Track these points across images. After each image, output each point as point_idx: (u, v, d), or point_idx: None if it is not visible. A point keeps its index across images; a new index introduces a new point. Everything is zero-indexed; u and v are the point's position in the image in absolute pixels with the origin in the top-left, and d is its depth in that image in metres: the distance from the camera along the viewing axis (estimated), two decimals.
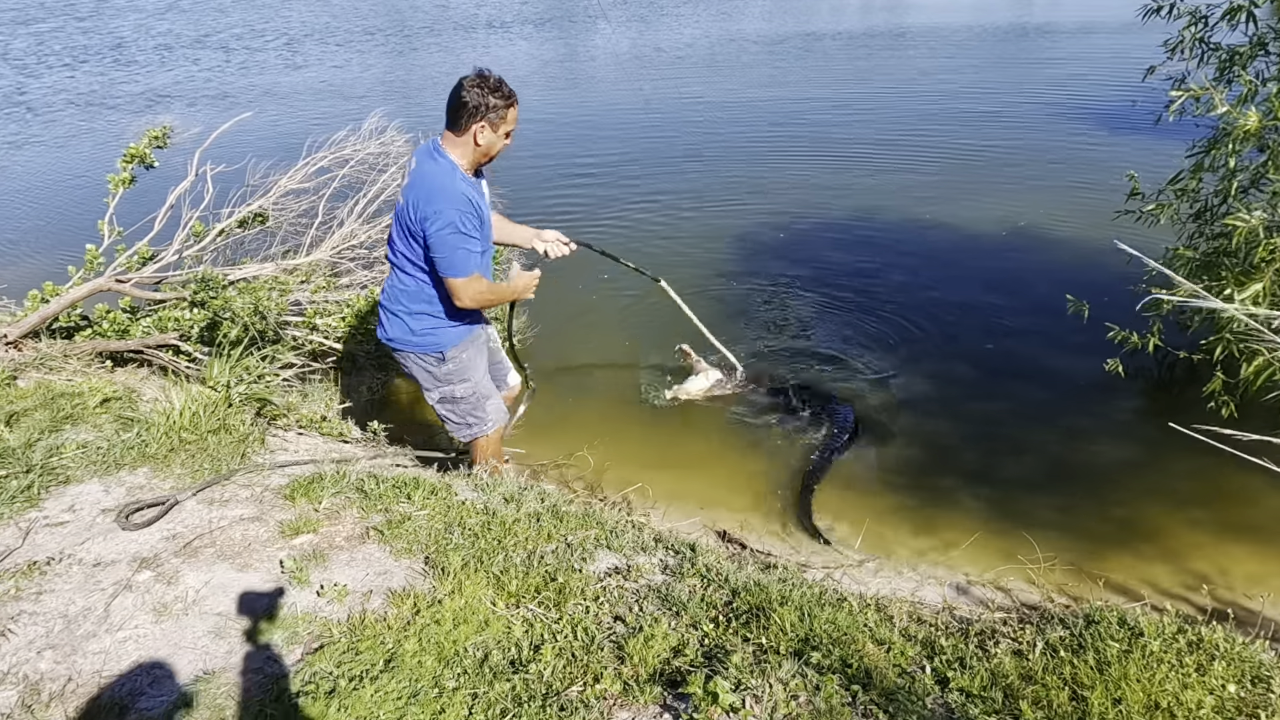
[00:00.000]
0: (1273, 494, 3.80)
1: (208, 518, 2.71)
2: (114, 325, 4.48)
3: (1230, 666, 2.07)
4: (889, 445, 4.30)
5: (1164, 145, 4.37)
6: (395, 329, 3.13)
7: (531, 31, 20.33)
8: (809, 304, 5.82)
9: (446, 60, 16.72)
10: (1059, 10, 20.16)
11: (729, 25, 20.29)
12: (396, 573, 2.47)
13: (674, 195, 8.29)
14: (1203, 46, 3.55)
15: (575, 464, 4.18)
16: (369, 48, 18.61)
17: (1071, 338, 5.14)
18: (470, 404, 3.24)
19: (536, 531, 2.73)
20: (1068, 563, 3.44)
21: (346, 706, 1.88)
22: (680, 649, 2.15)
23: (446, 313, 3.05)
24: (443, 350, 3.09)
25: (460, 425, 3.33)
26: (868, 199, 7.90)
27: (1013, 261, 6.33)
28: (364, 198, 5.04)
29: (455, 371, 3.15)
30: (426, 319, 3.06)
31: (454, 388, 3.19)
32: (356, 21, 22.52)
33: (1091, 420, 4.39)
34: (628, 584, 2.51)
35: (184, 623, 2.23)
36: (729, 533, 3.69)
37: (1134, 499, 3.85)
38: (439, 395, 3.23)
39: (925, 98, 12.22)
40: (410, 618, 2.21)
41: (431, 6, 24.47)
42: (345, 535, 2.64)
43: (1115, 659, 2.07)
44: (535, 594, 2.36)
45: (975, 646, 2.23)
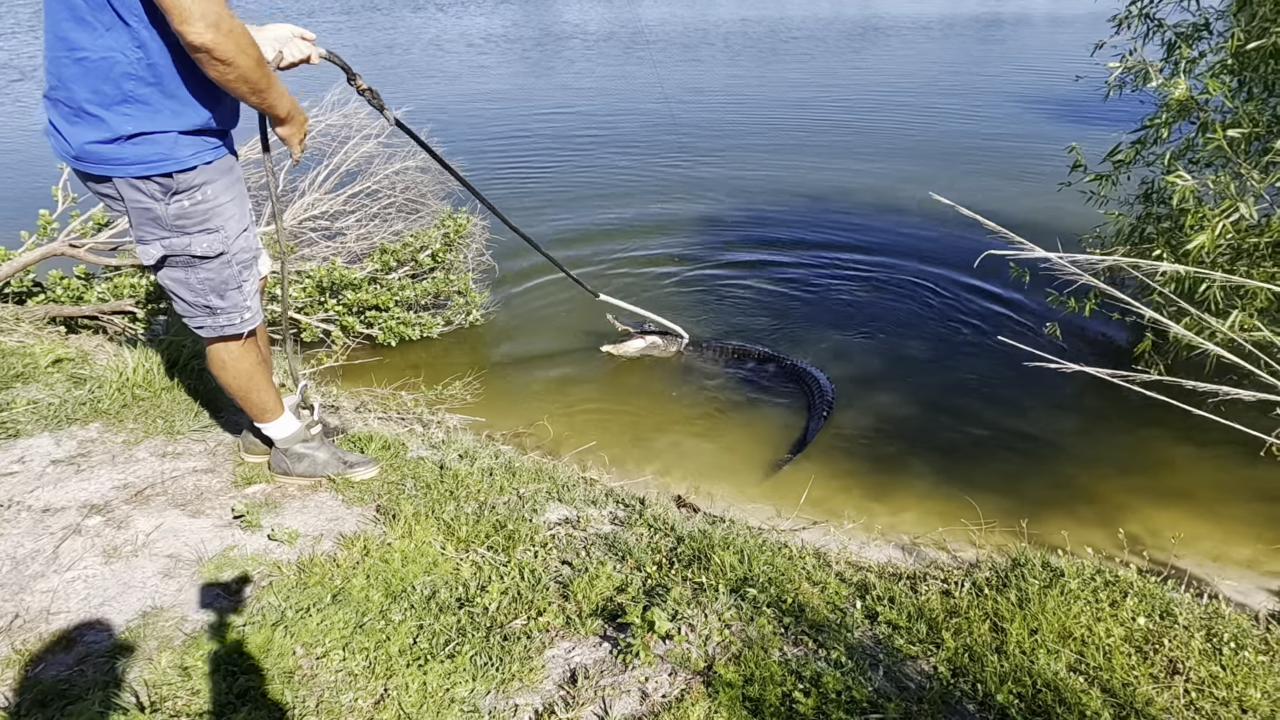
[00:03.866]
0: (1203, 462, 3.99)
1: (160, 469, 2.73)
2: (68, 291, 4.45)
3: (1141, 602, 2.19)
4: (841, 416, 4.41)
5: (1119, 129, 4.54)
6: (84, 132, 1.93)
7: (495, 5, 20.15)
8: (763, 284, 5.94)
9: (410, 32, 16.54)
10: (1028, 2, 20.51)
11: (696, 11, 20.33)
12: (348, 519, 2.51)
13: (643, 177, 8.38)
14: (1148, 22, 3.67)
15: (535, 433, 4.24)
16: (333, 18, 18.35)
17: (1017, 310, 5.35)
18: (216, 276, 2.17)
19: (489, 485, 2.78)
20: (1007, 525, 3.56)
21: (293, 634, 1.93)
22: (623, 588, 2.22)
23: (173, 99, 1.93)
24: (170, 169, 1.99)
25: (195, 311, 2.23)
26: (819, 184, 8.15)
27: (961, 238, 6.53)
28: (325, 168, 5.03)
29: (194, 211, 2.07)
30: (138, 112, 1.91)
31: (191, 240, 2.09)
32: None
33: (1035, 390, 4.55)
34: (577, 532, 2.58)
35: (133, 564, 2.25)
36: (683, 497, 3.78)
37: (1074, 466, 4.00)
38: (161, 250, 2.10)
39: (886, 86, 12.43)
40: (360, 558, 2.26)
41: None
42: (298, 485, 2.67)
43: (1035, 595, 2.18)
44: (485, 540, 2.42)
45: (906, 586, 2.34)
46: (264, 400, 2.49)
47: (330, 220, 5.00)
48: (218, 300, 2.21)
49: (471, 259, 5.45)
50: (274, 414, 2.54)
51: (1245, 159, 3.18)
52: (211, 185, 2.08)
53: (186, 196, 2.05)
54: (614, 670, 1.91)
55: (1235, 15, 3.70)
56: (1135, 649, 2.05)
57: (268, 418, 2.54)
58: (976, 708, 1.86)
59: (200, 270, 2.16)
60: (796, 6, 22.11)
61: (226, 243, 2.15)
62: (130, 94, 1.89)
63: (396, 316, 4.89)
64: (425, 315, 5.05)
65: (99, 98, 1.88)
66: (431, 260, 5.10)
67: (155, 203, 2.03)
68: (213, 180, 2.08)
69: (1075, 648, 2.04)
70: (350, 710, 1.76)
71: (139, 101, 1.91)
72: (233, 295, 2.23)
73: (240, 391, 2.43)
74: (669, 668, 1.91)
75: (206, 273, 2.16)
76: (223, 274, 2.19)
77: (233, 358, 2.37)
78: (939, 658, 2.00)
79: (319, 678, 1.84)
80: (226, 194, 2.13)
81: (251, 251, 2.26)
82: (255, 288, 2.31)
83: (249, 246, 2.24)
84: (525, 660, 1.92)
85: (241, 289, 2.24)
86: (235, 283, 2.22)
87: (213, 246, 2.12)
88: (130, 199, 2.03)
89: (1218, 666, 2.01)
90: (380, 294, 4.83)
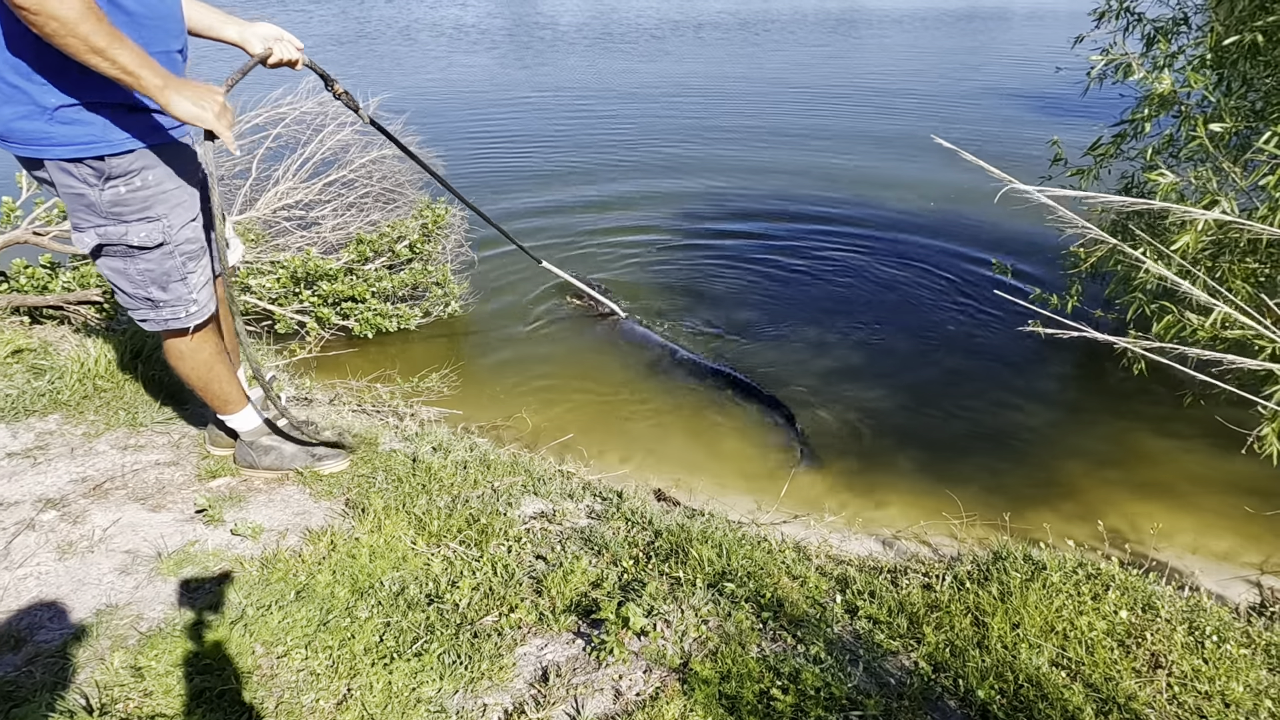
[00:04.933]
0: (1181, 455, 3.99)
1: (121, 462, 2.64)
2: (32, 280, 4.32)
3: (1124, 595, 2.16)
4: (822, 410, 4.37)
5: (1098, 122, 4.54)
6: (7, 108, 1.79)
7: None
8: (743, 278, 5.90)
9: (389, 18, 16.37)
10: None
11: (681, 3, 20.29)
12: (315, 513, 2.43)
13: (623, 169, 8.33)
14: (1128, 15, 3.65)
15: (513, 425, 4.17)
16: (305, 6, 18.12)
17: (998, 306, 5.36)
18: (156, 267, 2.03)
19: (463, 478, 2.71)
20: (989, 518, 3.55)
21: (253, 632, 1.86)
22: (598, 583, 2.16)
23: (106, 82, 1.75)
24: (102, 152, 1.86)
25: (136, 303, 2.12)
26: (798, 177, 8.14)
27: (943, 233, 6.55)
28: (300, 156, 4.92)
29: (131, 199, 1.94)
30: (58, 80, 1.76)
31: (128, 229, 1.97)
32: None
33: (1017, 384, 4.55)
34: (552, 526, 2.52)
35: (89, 560, 2.17)
36: (663, 490, 3.72)
37: (1055, 460, 3.98)
38: (96, 238, 1.98)
39: (864, 77, 12.44)
40: (326, 554, 2.18)
41: None
42: (264, 479, 2.59)
43: (1017, 589, 2.15)
44: (457, 534, 2.36)
45: (887, 580, 2.29)
46: (225, 391, 2.38)
47: (305, 209, 4.90)
48: (159, 293, 2.08)
49: (450, 250, 5.37)
50: (236, 405, 2.45)
51: (1226, 154, 3.16)
52: (152, 171, 1.94)
53: (123, 182, 1.91)
54: (587, 668, 1.85)
55: (1214, 10, 3.70)
56: (1118, 643, 2.02)
57: (230, 409, 2.45)
58: (958, 704, 1.82)
59: (139, 261, 2.02)
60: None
61: (168, 233, 2.01)
62: (48, 61, 1.71)
63: (373, 308, 4.80)
64: (403, 307, 4.96)
65: (15, 68, 1.72)
66: (409, 251, 5.01)
67: (89, 188, 1.90)
68: (153, 166, 1.94)
69: (1057, 642, 2.00)
70: (311, 711, 1.69)
71: (56, 69, 1.73)
72: (176, 288, 2.09)
73: (199, 383, 2.33)
74: (644, 665, 1.85)
75: (146, 264, 2.03)
76: (164, 265, 2.05)
77: (189, 349, 2.25)
78: (920, 653, 1.96)
79: (279, 678, 1.76)
80: (171, 181, 1.99)
81: (198, 243, 2.11)
82: (203, 280, 2.17)
83: (195, 238, 2.10)
84: (495, 658, 1.86)
85: (186, 281, 2.10)
86: (179, 274, 2.07)
87: (151, 236, 1.98)
88: (62, 184, 1.90)
89: (1200, 660, 1.98)
90: (356, 285, 4.74)
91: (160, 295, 2.08)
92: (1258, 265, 3.38)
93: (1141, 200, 1.30)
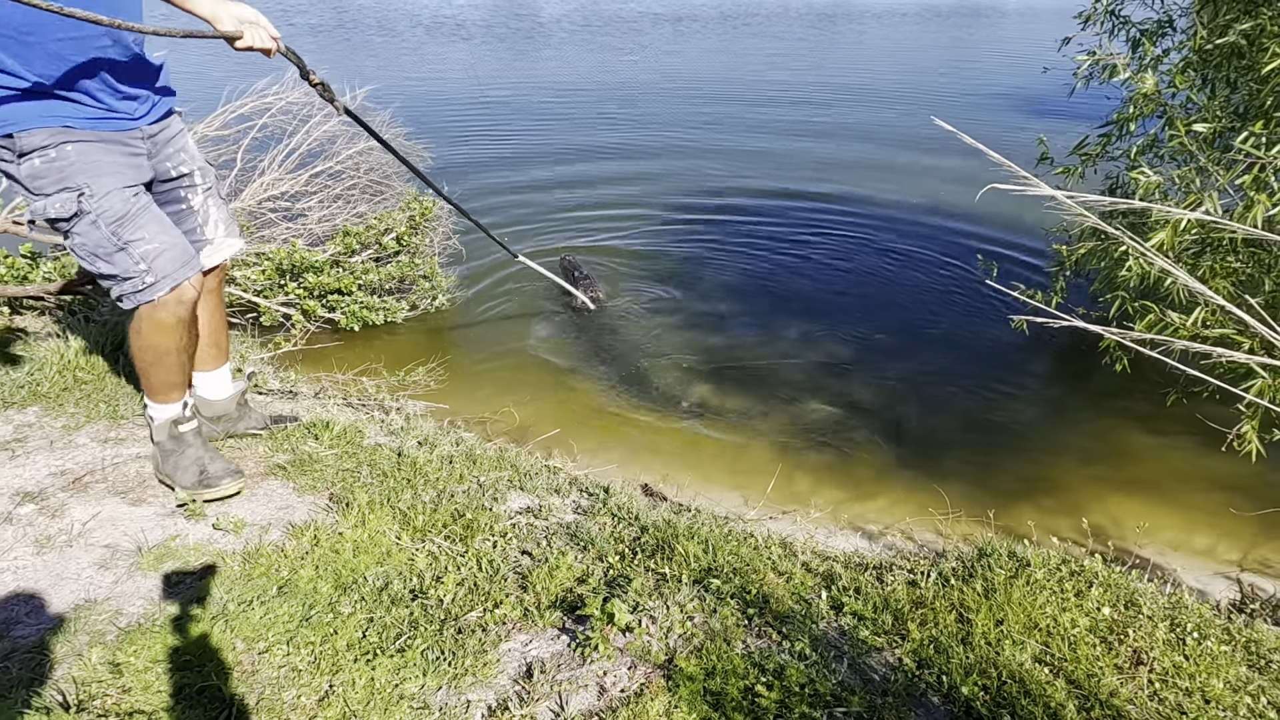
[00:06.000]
0: (1168, 451, 4.02)
1: (101, 455, 2.60)
2: (13, 270, 4.26)
3: (1106, 592, 2.18)
4: (809, 404, 4.38)
5: (1082, 121, 4.56)
6: None
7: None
8: (731, 273, 5.91)
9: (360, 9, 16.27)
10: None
11: None
12: (299, 508, 2.41)
13: (611, 159, 8.31)
14: (1113, 19, 3.67)
15: (500, 420, 4.15)
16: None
17: (985, 302, 5.40)
18: (86, 239, 2.04)
19: (448, 472, 2.70)
20: (974, 514, 3.56)
21: (234, 628, 1.84)
22: (584, 579, 2.15)
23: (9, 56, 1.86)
24: (9, 130, 1.94)
25: (101, 278, 2.16)
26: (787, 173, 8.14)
27: (930, 230, 6.59)
28: (286, 147, 4.87)
29: (48, 170, 1.98)
30: None
31: (47, 202, 2.01)
32: None
33: (1003, 381, 4.57)
34: (538, 522, 2.51)
35: (67, 554, 2.14)
36: (650, 485, 3.72)
37: (1040, 456, 4.01)
38: (30, 214, 2.14)
39: (852, 77, 12.46)
40: (309, 548, 2.16)
41: None
42: (248, 473, 2.56)
43: (1001, 585, 2.16)
44: (442, 529, 2.34)
45: (872, 577, 2.30)
46: (164, 380, 2.31)
47: (291, 201, 4.85)
48: (105, 265, 2.09)
49: (438, 242, 5.34)
50: (167, 398, 2.35)
51: (1209, 154, 3.18)
52: (72, 145, 1.98)
53: (38, 155, 1.95)
54: (572, 664, 1.85)
55: (1198, 13, 3.72)
56: (1100, 639, 2.03)
57: (159, 399, 2.36)
58: (941, 700, 1.83)
59: (74, 235, 2.05)
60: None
61: (87, 202, 2.01)
62: None
63: (360, 301, 4.76)
64: (389, 299, 4.93)
65: None
66: (396, 244, 4.97)
67: (10, 165, 1.99)
68: (72, 140, 1.98)
69: (1041, 638, 2.01)
70: (293, 708, 1.68)
71: None
72: (120, 259, 2.08)
73: (142, 364, 2.28)
74: (629, 661, 1.85)
75: (80, 236, 2.05)
76: (92, 237, 2.05)
77: (150, 329, 2.19)
78: (904, 649, 1.96)
79: (260, 674, 1.75)
80: (95, 153, 2.01)
81: (129, 213, 2.07)
82: (155, 249, 2.10)
83: (127, 210, 2.07)
84: (480, 654, 1.85)
85: (128, 251, 2.07)
86: (112, 245, 2.06)
87: (67, 207, 2.00)
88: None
89: (1181, 656, 2.00)
90: (343, 278, 4.70)
91: (106, 267, 2.09)
92: (1239, 264, 3.41)
93: (1123, 200, 1.30)
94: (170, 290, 2.14)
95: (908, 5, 19.16)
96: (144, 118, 2.16)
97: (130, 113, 2.11)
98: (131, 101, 2.11)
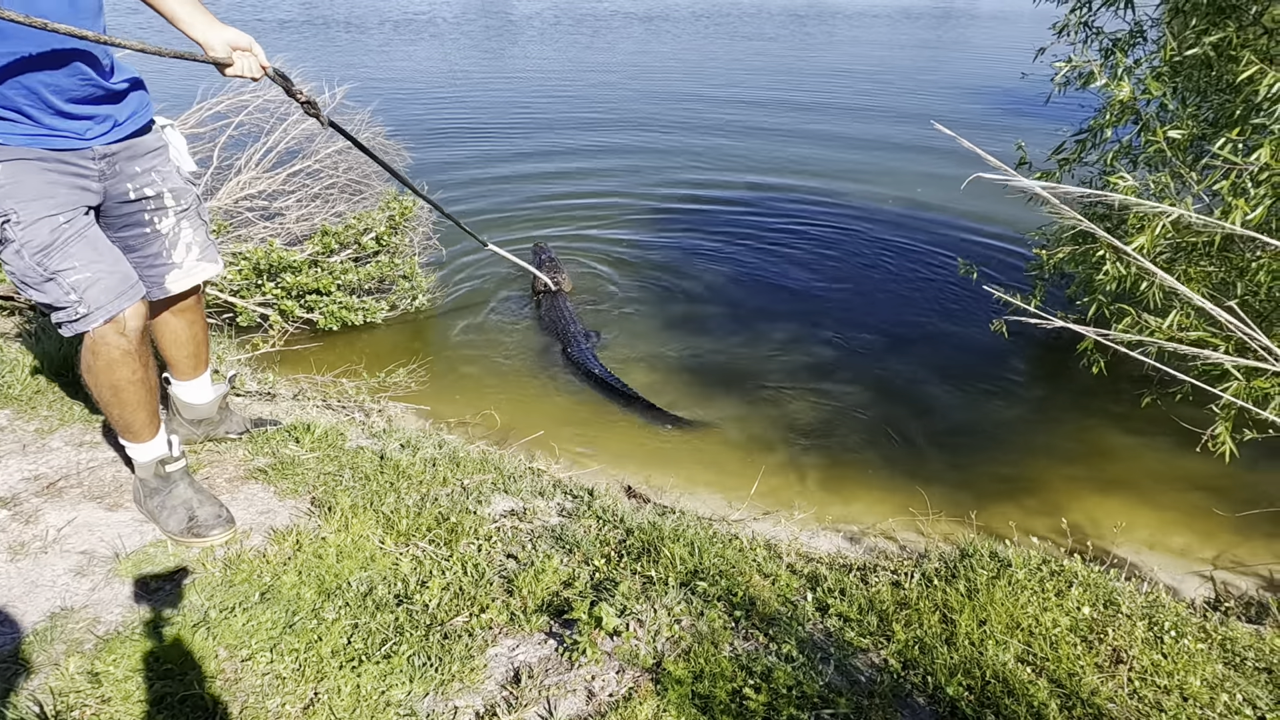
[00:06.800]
0: (1144, 452, 4.08)
1: (76, 459, 2.56)
2: None
3: (1086, 591, 2.21)
4: (791, 406, 4.40)
5: (1056, 125, 4.63)
6: None
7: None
8: (710, 273, 5.93)
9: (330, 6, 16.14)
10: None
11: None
12: (280, 512, 2.38)
13: (588, 157, 8.30)
14: (1086, 29, 3.73)
15: (482, 421, 4.13)
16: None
17: (963, 304, 5.46)
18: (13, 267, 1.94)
19: (432, 476, 2.68)
20: (954, 514, 3.60)
21: (215, 635, 1.81)
22: (570, 582, 2.15)
23: None
24: None
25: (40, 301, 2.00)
26: (769, 175, 8.18)
27: (909, 232, 6.65)
28: (263, 145, 4.81)
29: None
30: None
31: None
32: None
33: (983, 382, 4.62)
34: (523, 525, 2.50)
35: (42, 561, 2.10)
36: (634, 487, 3.72)
37: (1019, 456, 4.05)
38: None
39: (834, 79, 12.55)
40: (291, 554, 2.14)
41: None
42: (228, 477, 2.53)
43: (984, 586, 2.18)
44: (426, 533, 2.32)
45: (857, 578, 2.31)
46: (129, 418, 2.16)
47: (268, 200, 4.79)
48: (36, 294, 1.96)
49: (418, 242, 5.30)
50: (138, 437, 2.21)
51: (1184, 160, 3.24)
52: (1, 166, 1.85)
53: None
54: (559, 669, 1.84)
55: (1168, 24, 3.79)
56: (1081, 638, 2.06)
57: (129, 438, 2.22)
58: (927, 700, 1.85)
59: (4, 264, 1.93)
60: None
61: (12, 229, 1.88)
62: None
63: (339, 301, 4.72)
64: (369, 299, 4.89)
65: None
66: (376, 243, 4.93)
67: None
68: (2, 161, 1.85)
69: (1023, 638, 2.04)
70: (277, 716, 1.65)
71: None
72: (50, 289, 1.94)
73: (102, 403, 2.14)
74: (617, 665, 1.85)
75: (7, 264, 1.93)
76: (18, 265, 1.92)
77: (96, 364, 2.04)
78: (890, 650, 1.97)
79: (243, 682, 1.72)
80: (26, 174, 1.88)
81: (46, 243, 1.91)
82: (83, 279, 1.95)
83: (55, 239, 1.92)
84: (466, 660, 1.84)
85: (57, 281, 1.93)
86: (39, 275, 1.92)
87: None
88: None
89: (1159, 655, 2.03)
90: (321, 277, 4.65)
91: (39, 296, 1.96)
92: (1213, 268, 3.48)
93: (1111, 194, 1.32)
94: (105, 322, 1.99)
95: (879, 6, 19.33)
96: (100, 137, 2.03)
97: (79, 132, 1.97)
98: (81, 121, 1.97)
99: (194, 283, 2.38)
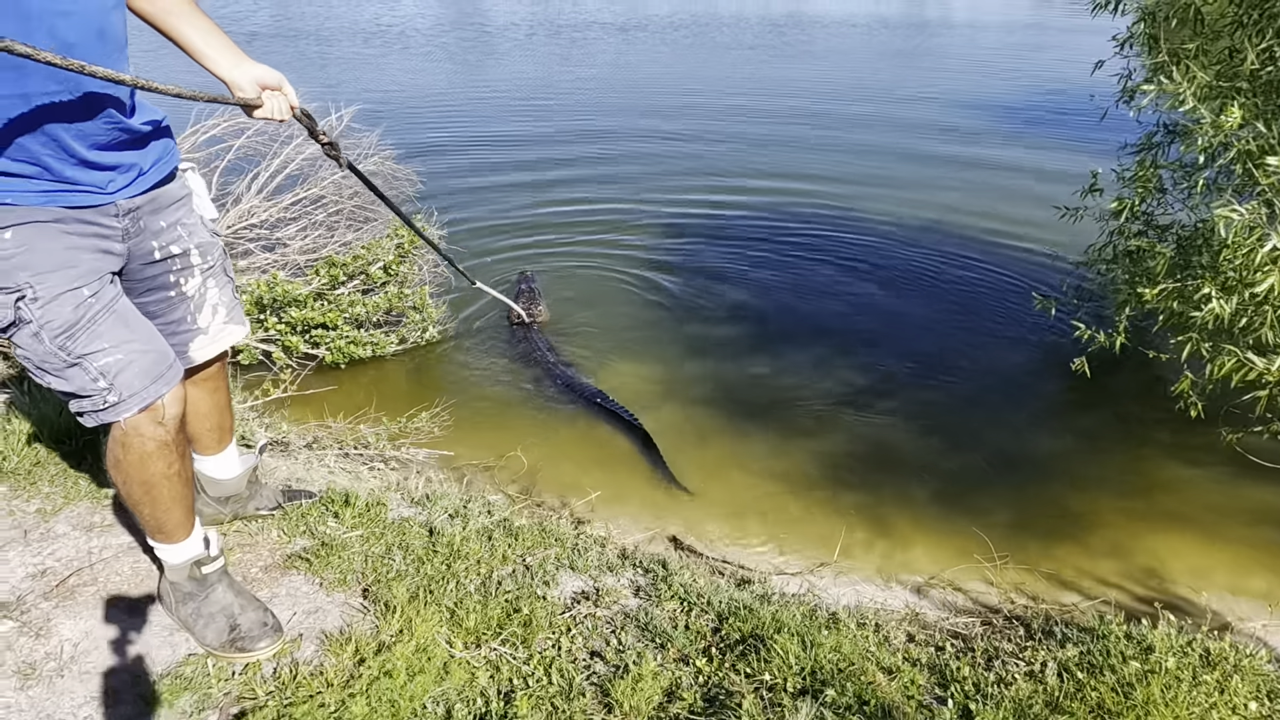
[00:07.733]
0: (1199, 484, 3.89)
1: (86, 547, 2.24)
2: None
3: (1246, 682, 1.99)
4: (826, 440, 4.15)
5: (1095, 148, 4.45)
6: None
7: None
8: (732, 293, 5.68)
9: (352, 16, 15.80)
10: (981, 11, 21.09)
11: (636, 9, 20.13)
12: (330, 610, 2.08)
13: (612, 179, 8.04)
14: (1152, 43, 3.54)
15: (507, 465, 3.85)
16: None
17: (996, 323, 5.26)
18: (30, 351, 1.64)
19: (489, 552, 2.40)
20: (1020, 560, 3.38)
21: None
22: (674, 690, 1.88)
23: None
24: None
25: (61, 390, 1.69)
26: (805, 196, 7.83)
27: (953, 258, 6.35)
28: (265, 172, 4.49)
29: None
30: None
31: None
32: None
33: (1023, 410, 4.43)
34: (599, 611, 2.22)
35: (58, 687, 1.78)
36: (679, 538, 3.47)
37: (1073, 491, 3.86)
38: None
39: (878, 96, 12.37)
40: (353, 669, 1.85)
41: None
42: (263, 565, 2.23)
43: (1136, 680, 1.95)
44: (498, 630, 2.04)
45: (985, 669, 2.07)
46: (161, 518, 1.85)
47: (270, 229, 4.47)
48: (57, 381, 1.67)
49: (427, 271, 5.01)
50: (171, 537, 1.90)
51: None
52: (14, 230, 1.55)
53: None
54: None
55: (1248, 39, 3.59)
56: None
57: (160, 538, 1.90)
58: None
59: (15, 346, 1.64)
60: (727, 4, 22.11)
61: (29, 307, 1.58)
62: None
63: (346, 335, 4.40)
64: (377, 333, 4.58)
65: None
66: (383, 273, 4.62)
67: None
68: (14, 225, 1.55)
69: None
70: None
71: None
72: (74, 375, 1.65)
73: (131, 502, 1.83)
74: None
75: (21, 349, 1.64)
76: (36, 350, 1.63)
77: (130, 457, 1.73)
78: None
79: None
80: (44, 239, 1.58)
81: (70, 322, 1.62)
82: (114, 363, 1.66)
83: (79, 317, 1.62)
84: None
85: (83, 366, 1.64)
86: (63, 360, 1.63)
87: (3, 314, 1.58)
88: None
89: None
90: (328, 311, 4.34)
91: (60, 384, 1.67)
92: None
93: None
94: (140, 410, 1.69)
95: (864, 16, 19.33)
96: (123, 190, 1.72)
97: (102, 185, 1.66)
98: (104, 171, 1.67)
99: (221, 349, 2.07)
